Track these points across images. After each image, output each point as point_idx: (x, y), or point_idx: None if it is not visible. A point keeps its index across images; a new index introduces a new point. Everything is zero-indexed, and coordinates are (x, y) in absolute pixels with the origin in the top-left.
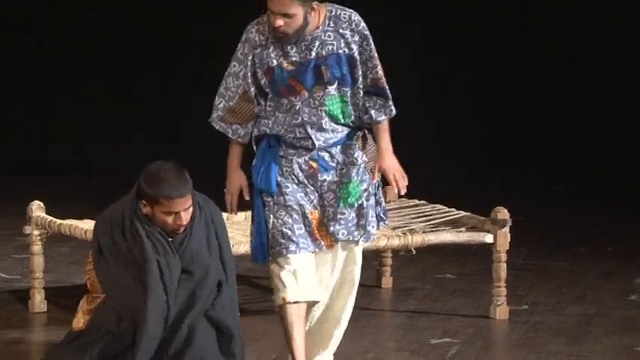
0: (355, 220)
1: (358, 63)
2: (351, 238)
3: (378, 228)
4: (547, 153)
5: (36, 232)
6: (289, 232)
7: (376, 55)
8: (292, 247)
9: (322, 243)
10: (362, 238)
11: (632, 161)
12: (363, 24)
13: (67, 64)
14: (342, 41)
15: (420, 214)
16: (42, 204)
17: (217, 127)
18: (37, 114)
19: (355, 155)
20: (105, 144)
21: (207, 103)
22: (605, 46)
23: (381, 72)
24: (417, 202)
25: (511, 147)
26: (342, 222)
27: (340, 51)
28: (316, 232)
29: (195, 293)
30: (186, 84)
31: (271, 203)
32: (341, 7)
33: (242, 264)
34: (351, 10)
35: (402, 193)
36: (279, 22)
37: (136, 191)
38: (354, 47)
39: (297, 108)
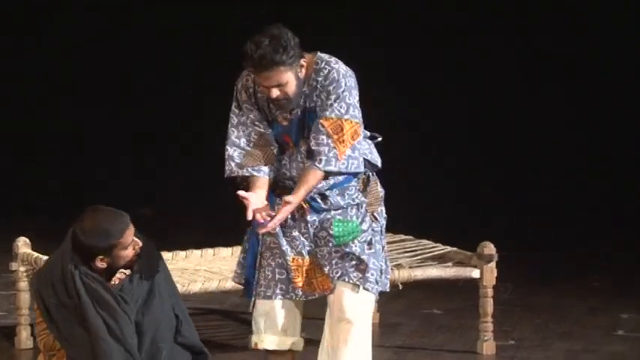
0: (353, 262)
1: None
2: (347, 280)
3: (379, 286)
4: (531, 188)
5: (22, 269)
6: (270, 275)
7: (328, 113)
8: (269, 292)
9: (299, 291)
10: (360, 282)
11: (617, 198)
12: (338, 82)
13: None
14: (314, 95)
15: (407, 250)
16: (28, 240)
17: (239, 175)
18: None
19: (354, 196)
20: (91, 180)
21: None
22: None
23: (320, 127)
24: (403, 237)
25: (496, 182)
26: (339, 262)
27: (312, 104)
28: (299, 279)
29: (157, 335)
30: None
31: (265, 242)
32: (328, 60)
33: (229, 299)
34: (338, 67)
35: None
36: (276, 93)
37: (79, 254)
38: (318, 102)
39: (287, 162)
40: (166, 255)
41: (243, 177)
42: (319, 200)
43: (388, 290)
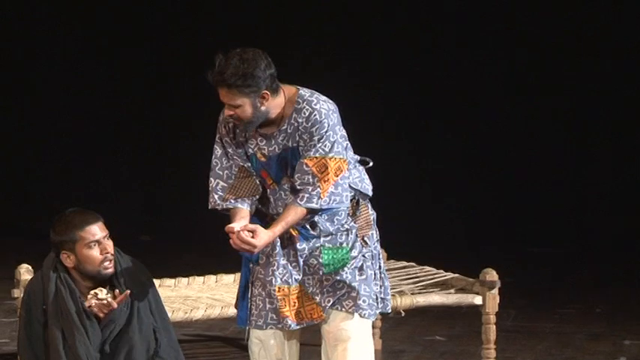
0: (344, 290)
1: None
2: (339, 309)
3: (375, 310)
4: (535, 215)
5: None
6: (260, 305)
7: (312, 153)
8: (260, 322)
9: (288, 321)
10: (352, 310)
11: (618, 224)
12: (321, 123)
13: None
14: (296, 135)
15: (409, 276)
16: (30, 267)
17: (222, 209)
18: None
19: (343, 222)
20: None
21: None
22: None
23: (305, 167)
24: (405, 263)
25: (500, 209)
26: (330, 290)
27: (295, 144)
28: (286, 309)
29: (130, 356)
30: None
31: (254, 271)
32: (310, 97)
33: (231, 326)
34: (320, 106)
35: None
36: (229, 112)
37: (53, 251)
38: (301, 143)
39: (270, 198)
40: (169, 282)
41: (225, 209)
42: (308, 227)
43: (389, 311)
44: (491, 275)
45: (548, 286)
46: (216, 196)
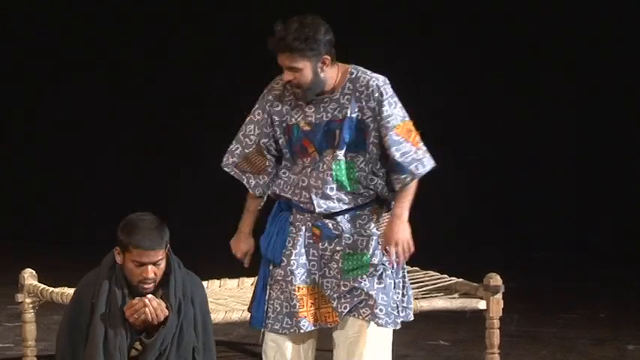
0: (361, 297)
1: (370, 130)
2: (356, 316)
3: (395, 318)
4: (538, 220)
5: (28, 300)
6: (278, 309)
7: (393, 123)
8: (276, 326)
9: (305, 322)
10: (368, 319)
11: (622, 229)
12: (382, 89)
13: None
14: (356, 106)
15: (413, 281)
16: (34, 272)
17: (232, 173)
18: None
19: (366, 226)
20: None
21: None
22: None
23: (393, 143)
24: (409, 268)
25: (503, 213)
26: (347, 296)
27: (354, 115)
28: (303, 309)
29: None
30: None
31: (273, 274)
32: (364, 70)
33: (236, 331)
34: (375, 75)
35: (395, 265)
36: (289, 76)
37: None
38: (368, 113)
39: (307, 170)
40: None
41: (234, 175)
42: (330, 226)
43: (412, 319)
44: (495, 280)
45: (552, 291)
46: (230, 160)
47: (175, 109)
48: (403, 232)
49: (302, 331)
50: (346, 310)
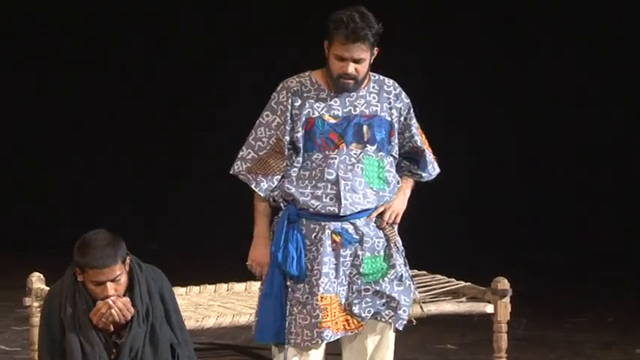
0: (384, 300)
1: (396, 131)
2: (379, 318)
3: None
4: (546, 224)
5: (36, 304)
6: (301, 323)
7: (416, 125)
8: (298, 340)
9: (328, 332)
10: (392, 321)
11: (630, 232)
12: (404, 93)
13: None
14: (385, 105)
15: (420, 285)
16: (42, 276)
17: (243, 179)
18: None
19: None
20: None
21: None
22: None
23: (420, 141)
24: (416, 272)
25: (510, 218)
26: (369, 300)
27: (383, 114)
28: (327, 319)
29: None
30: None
31: (293, 287)
32: (379, 74)
33: (243, 334)
34: (390, 79)
35: (377, 220)
36: (351, 68)
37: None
38: (395, 114)
39: (334, 162)
40: (180, 290)
41: (245, 181)
42: (350, 231)
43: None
44: (503, 284)
45: (560, 295)
46: (244, 166)
47: (175, 109)
48: (400, 204)
49: (325, 342)
50: (370, 315)
